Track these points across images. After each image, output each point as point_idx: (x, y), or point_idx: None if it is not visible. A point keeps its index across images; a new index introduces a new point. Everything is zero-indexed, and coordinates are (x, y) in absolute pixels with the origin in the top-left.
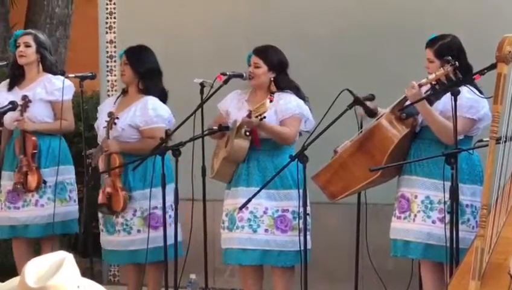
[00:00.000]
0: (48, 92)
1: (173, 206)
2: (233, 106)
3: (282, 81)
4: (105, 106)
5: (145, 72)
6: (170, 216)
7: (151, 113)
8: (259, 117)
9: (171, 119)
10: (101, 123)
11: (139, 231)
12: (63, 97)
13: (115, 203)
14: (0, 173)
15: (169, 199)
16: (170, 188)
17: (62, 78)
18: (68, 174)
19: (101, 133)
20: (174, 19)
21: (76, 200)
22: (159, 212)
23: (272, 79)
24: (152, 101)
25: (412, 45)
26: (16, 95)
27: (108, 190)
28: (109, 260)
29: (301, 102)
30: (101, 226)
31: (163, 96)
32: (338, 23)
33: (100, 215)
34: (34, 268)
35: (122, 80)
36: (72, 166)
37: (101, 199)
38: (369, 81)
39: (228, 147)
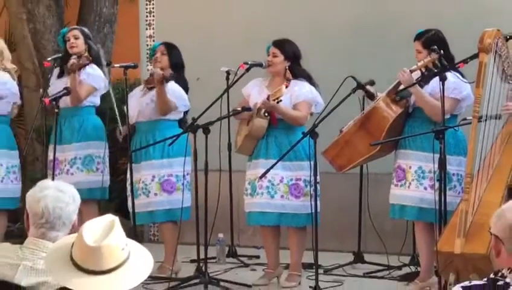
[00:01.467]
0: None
1: (188, 175)
2: (255, 91)
3: (296, 70)
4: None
5: (176, 63)
6: (183, 183)
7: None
8: (276, 100)
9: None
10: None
11: (155, 194)
12: (89, 80)
13: None
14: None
15: (186, 169)
16: (187, 160)
17: (97, 68)
18: (97, 148)
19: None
20: (204, 17)
21: (105, 171)
22: (173, 179)
23: (287, 67)
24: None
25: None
26: (66, 81)
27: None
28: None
29: (313, 88)
30: (128, 192)
31: (185, 85)
32: (344, 19)
33: (128, 182)
34: (90, 229)
35: (156, 66)
36: (103, 142)
37: None
38: (371, 69)
39: (250, 126)
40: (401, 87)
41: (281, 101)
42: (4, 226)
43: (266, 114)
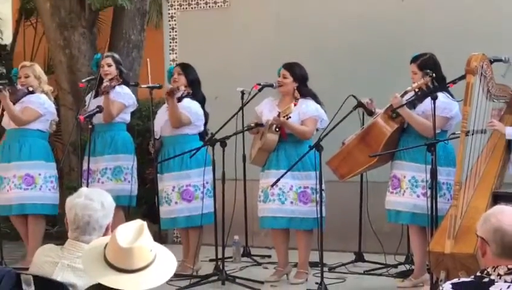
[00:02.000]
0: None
1: (208, 183)
2: (266, 109)
3: (304, 90)
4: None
5: (192, 80)
6: (202, 192)
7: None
8: (285, 117)
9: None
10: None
11: (176, 202)
12: (119, 99)
13: None
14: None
15: (206, 178)
16: (207, 170)
17: (126, 88)
18: (126, 160)
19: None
20: (221, 43)
21: (132, 180)
22: (192, 189)
23: (295, 88)
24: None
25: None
26: (100, 101)
27: None
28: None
29: (318, 106)
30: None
31: (202, 99)
32: (346, 44)
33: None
34: (123, 232)
35: (174, 86)
36: (132, 155)
37: None
38: (370, 88)
39: (262, 140)
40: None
41: (290, 117)
42: (43, 229)
43: (277, 129)
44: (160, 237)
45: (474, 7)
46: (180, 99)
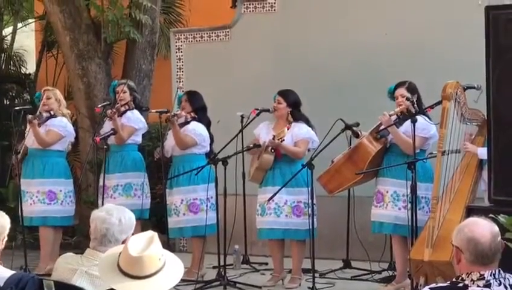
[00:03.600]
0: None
1: (212, 198)
2: (263, 132)
3: (297, 114)
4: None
5: (197, 107)
6: (206, 205)
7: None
8: (280, 140)
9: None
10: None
11: (184, 214)
12: (129, 123)
13: None
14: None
15: (210, 193)
16: (210, 186)
17: (137, 112)
18: (136, 177)
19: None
20: (223, 72)
21: (142, 195)
22: (198, 202)
23: (289, 112)
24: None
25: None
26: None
27: None
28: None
29: (310, 129)
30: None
31: (208, 123)
32: (336, 73)
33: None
34: (134, 242)
35: (181, 112)
36: (142, 172)
37: None
38: (356, 113)
39: (259, 160)
40: (382, 127)
41: (283, 140)
42: (52, 238)
43: (272, 150)
44: (168, 246)
45: (448, 41)
46: (186, 123)
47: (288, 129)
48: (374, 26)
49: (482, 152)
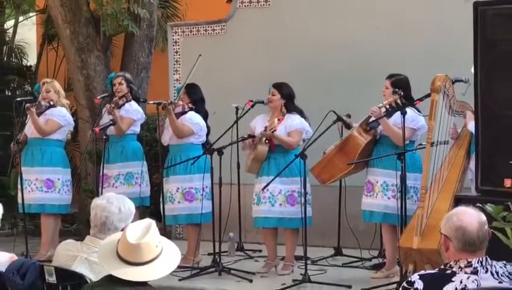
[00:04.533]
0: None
1: (207, 187)
2: (259, 124)
3: (290, 106)
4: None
5: (195, 99)
6: (202, 194)
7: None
8: (271, 130)
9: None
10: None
11: (179, 202)
12: (128, 115)
13: None
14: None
15: (206, 183)
16: (206, 176)
17: (135, 103)
18: (136, 167)
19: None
20: (219, 65)
21: (143, 183)
22: (193, 191)
23: (283, 104)
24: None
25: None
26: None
27: None
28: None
29: (303, 120)
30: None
31: (205, 114)
32: (328, 65)
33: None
34: (132, 230)
35: (179, 103)
36: (142, 161)
37: None
38: (347, 105)
39: (255, 151)
40: (372, 119)
41: (275, 130)
42: (53, 226)
43: (266, 141)
44: (164, 233)
45: (437, 35)
46: (184, 113)
47: (280, 121)
48: (366, 20)
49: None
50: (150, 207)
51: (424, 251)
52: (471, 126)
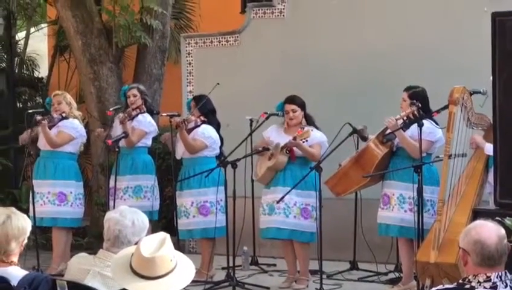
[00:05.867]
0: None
1: (222, 200)
2: (273, 134)
3: (308, 117)
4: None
5: (205, 111)
6: (216, 207)
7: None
8: (302, 140)
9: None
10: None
11: (194, 216)
12: (140, 126)
13: None
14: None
15: (220, 196)
16: (220, 189)
17: (148, 116)
18: (146, 180)
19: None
20: (232, 77)
21: (152, 198)
22: (208, 204)
23: (303, 116)
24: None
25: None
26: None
27: None
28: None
29: (322, 134)
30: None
31: (218, 125)
32: (343, 76)
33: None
34: (146, 243)
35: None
36: (152, 175)
37: None
38: (363, 117)
39: (273, 160)
40: (388, 131)
41: (306, 141)
42: (64, 239)
43: (287, 152)
44: (178, 247)
45: (455, 46)
46: (196, 127)
47: (300, 133)
48: (381, 31)
49: (489, 148)
50: (162, 221)
51: (442, 265)
52: (487, 149)
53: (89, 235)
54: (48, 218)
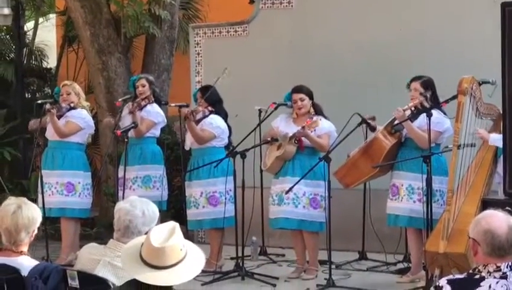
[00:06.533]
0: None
1: (231, 191)
2: (282, 124)
3: (316, 106)
4: None
5: (212, 101)
6: (225, 198)
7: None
8: (311, 130)
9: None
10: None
11: (203, 206)
12: (149, 117)
13: None
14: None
15: (229, 186)
16: (229, 179)
17: (157, 106)
18: (155, 170)
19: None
20: (241, 67)
21: (161, 188)
22: (217, 195)
23: (311, 105)
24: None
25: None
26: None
27: None
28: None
29: (331, 124)
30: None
31: (225, 115)
32: (350, 66)
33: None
34: (156, 233)
35: (199, 108)
36: (160, 165)
37: None
38: (371, 107)
39: (281, 150)
40: (396, 122)
41: (315, 131)
42: (74, 230)
43: (296, 142)
44: (187, 237)
45: (463, 37)
46: (204, 117)
47: (308, 123)
48: (389, 22)
49: (494, 138)
50: (171, 211)
51: (451, 255)
52: (492, 140)
53: (97, 226)
54: (56, 208)
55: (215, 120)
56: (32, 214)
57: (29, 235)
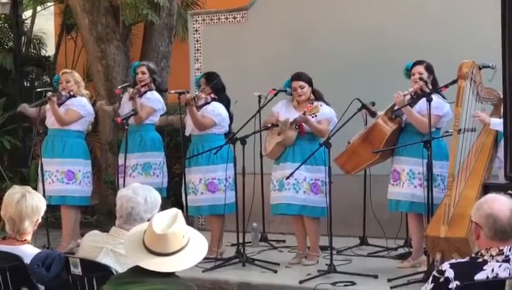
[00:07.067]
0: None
1: (230, 177)
2: (283, 109)
3: (316, 93)
4: None
5: (216, 88)
6: (225, 185)
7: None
8: (312, 115)
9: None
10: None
11: (202, 193)
12: (149, 103)
13: None
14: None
15: (229, 173)
16: (229, 166)
17: (156, 93)
18: (155, 157)
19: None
20: (240, 54)
21: (161, 175)
22: (216, 181)
23: (311, 91)
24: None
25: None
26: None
27: None
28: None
29: (331, 109)
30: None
31: (228, 102)
32: (350, 51)
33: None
34: (159, 220)
35: (201, 94)
36: (160, 152)
37: None
38: (371, 92)
39: (282, 136)
40: (396, 107)
41: (316, 116)
42: (74, 218)
43: (297, 127)
44: (188, 224)
45: (460, 20)
46: (206, 104)
47: (309, 108)
48: (388, 7)
49: (495, 123)
50: (171, 198)
51: (452, 240)
52: (493, 124)
53: (98, 213)
54: (57, 196)
55: (217, 107)
56: (36, 203)
57: (32, 224)
